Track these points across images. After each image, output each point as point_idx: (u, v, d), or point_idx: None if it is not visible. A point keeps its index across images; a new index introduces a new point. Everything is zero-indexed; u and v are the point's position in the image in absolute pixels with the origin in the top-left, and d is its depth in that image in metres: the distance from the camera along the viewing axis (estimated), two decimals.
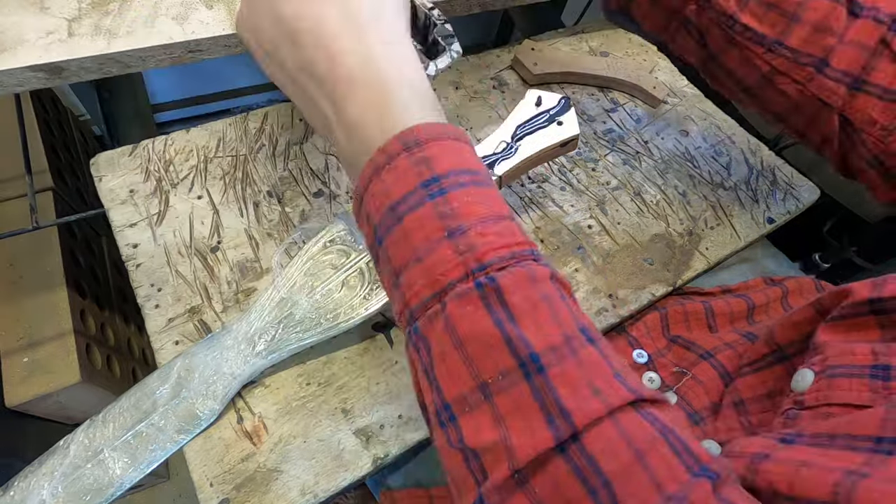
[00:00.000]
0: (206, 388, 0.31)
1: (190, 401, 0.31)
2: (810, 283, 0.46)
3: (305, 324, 0.31)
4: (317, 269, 0.32)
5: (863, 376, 0.25)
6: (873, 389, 0.24)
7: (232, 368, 0.31)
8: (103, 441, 0.30)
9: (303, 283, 0.32)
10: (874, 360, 0.25)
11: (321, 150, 0.45)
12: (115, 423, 0.31)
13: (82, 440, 0.31)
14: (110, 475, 0.30)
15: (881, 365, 0.25)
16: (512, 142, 0.35)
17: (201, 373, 0.31)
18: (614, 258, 0.43)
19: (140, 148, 0.43)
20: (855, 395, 0.24)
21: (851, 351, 0.27)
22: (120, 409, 0.31)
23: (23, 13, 0.38)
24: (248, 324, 0.32)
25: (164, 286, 0.36)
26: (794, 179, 0.52)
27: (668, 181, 0.49)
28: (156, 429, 0.31)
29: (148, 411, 0.31)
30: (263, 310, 0.32)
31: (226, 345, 0.32)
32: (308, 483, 0.31)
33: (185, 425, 0.31)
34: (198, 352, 0.32)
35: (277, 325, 0.32)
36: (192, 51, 0.40)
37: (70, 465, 0.30)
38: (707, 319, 0.42)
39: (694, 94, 0.57)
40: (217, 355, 0.32)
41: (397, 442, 0.33)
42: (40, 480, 0.30)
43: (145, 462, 0.30)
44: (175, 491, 0.88)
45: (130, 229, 0.39)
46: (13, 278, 0.63)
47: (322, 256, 0.33)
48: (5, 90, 0.36)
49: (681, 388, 0.37)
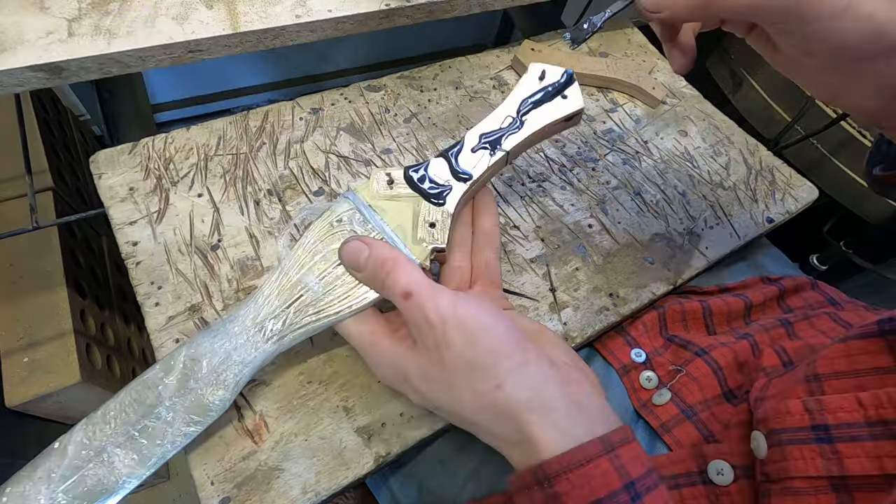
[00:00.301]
0: (215, 378, 0.30)
1: (199, 391, 0.30)
2: (807, 282, 0.46)
3: (316, 306, 0.30)
4: (324, 248, 0.31)
5: (809, 441, 0.26)
6: (824, 456, 0.25)
7: (242, 356, 0.30)
8: (105, 439, 0.29)
9: (311, 264, 0.31)
10: (811, 420, 0.26)
11: (322, 149, 0.45)
12: (117, 419, 0.29)
13: (81, 440, 0.29)
14: (116, 474, 0.28)
15: (820, 426, 0.26)
16: (517, 116, 0.34)
17: (209, 361, 0.30)
18: (615, 257, 0.43)
19: (140, 146, 0.43)
20: (811, 466, 0.25)
21: (787, 409, 0.27)
22: (121, 405, 0.30)
23: (23, 13, 0.38)
24: (255, 309, 0.31)
25: (164, 284, 0.36)
26: (793, 179, 0.52)
27: (668, 181, 0.49)
28: (163, 422, 0.29)
29: (152, 405, 0.29)
30: (272, 293, 0.31)
31: (233, 332, 0.30)
32: (309, 481, 0.31)
33: (196, 417, 0.29)
34: (202, 341, 0.31)
35: (287, 308, 0.30)
36: (192, 51, 0.40)
37: (69, 467, 0.28)
38: (705, 319, 0.42)
39: (693, 94, 0.58)
40: (225, 343, 0.30)
41: (399, 440, 0.33)
42: (36, 486, 0.27)
43: (155, 458, 0.29)
44: (175, 491, 0.88)
45: (130, 227, 0.39)
46: (13, 278, 0.63)
47: (329, 237, 0.31)
48: (5, 90, 0.36)
49: (675, 385, 0.37)
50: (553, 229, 0.44)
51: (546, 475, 0.23)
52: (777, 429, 0.27)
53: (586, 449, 0.24)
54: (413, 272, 0.28)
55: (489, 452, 0.36)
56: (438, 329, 0.26)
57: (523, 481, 0.24)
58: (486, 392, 0.25)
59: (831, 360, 0.29)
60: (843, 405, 0.26)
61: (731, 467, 0.31)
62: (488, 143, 0.34)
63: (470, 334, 0.26)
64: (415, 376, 0.27)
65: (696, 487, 0.31)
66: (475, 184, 0.33)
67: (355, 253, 0.29)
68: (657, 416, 0.36)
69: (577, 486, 0.23)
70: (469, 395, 0.26)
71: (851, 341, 0.28)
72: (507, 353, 0.26)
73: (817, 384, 0.29)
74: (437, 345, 0.26)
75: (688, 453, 0.33)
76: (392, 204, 0.32)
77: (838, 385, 0.28)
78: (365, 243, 0.29)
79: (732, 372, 0.36)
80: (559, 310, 0.40)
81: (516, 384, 0.25)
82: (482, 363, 0.25)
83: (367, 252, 0.29)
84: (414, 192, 0.33)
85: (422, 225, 0.32)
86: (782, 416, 0.27)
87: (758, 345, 0.37)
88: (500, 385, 0.25)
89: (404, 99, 0.50)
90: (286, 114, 0.47)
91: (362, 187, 0.33)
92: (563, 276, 0.41)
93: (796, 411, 0.27)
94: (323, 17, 0.43)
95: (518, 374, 0.25)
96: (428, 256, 0.31)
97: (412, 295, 0.27)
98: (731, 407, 0.35)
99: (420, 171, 0.33)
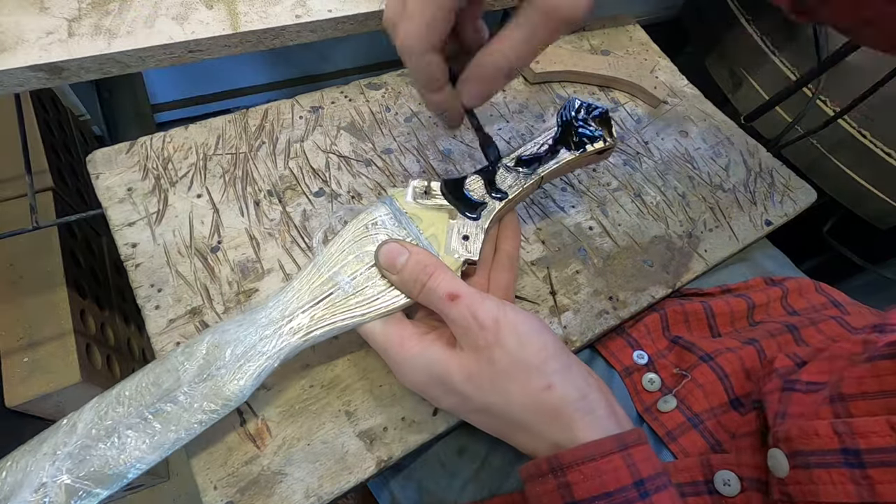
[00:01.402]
0: (237, 367, 0.29)
1: (219, 379, 0.29)
2: (809, 283, 0.46)
3: (345, 305, 0.30)
4: (358, 249, 0.31)
5: (839, 465, 0.25)
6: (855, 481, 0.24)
7: (267, 347, 0.29)
8: (117, 419, 0.28)
9: (343, 263, 0.31)
10: (840, 443, 0.25)
11: (322, 149, 0.45)
12: (132, 400, 0.28)
13: (92, 418, 0.27)
14: (124, 458, 0.27)
15: (850, 450, 0.25)
16: (553, 145, 0.36)
17: (233, 350, 0.29)
18: (615, 260, 0.43)
19: (138, 145, 0.42)
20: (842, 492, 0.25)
21: (815, 431, 0.27)
22: (137, 386, 0.28)
23: (23, 13, 0.38)
24: (284, 302, 0.30)
25: (164, 286, 0.36)
26: (792, 182, 0.52)
27: (668, 182, 0.49)
28: (180, 408, 0.28)
29: (170, 389, 0.28)
30: (302, 288, 0.31)
31: (260, 323, 0.30)
32: (312, 486, 0.31)
33: (213, 405, 0.28)
34: (228, 328, 0.30)
35: (316, 305, 0.30)
36: (192, 51, 0.40)
37: (77, 445, 0.27)
38: (707, 320, 0.42)
39: (694, 94, 0.58)
40: (251, 332, 0.30)
41: (401, 444, 0.33)
42: (40, 461, 0.26)
43: (167, 444, 0.28)
44: (175, 491, 0.88)
45: (129, 228, 0.38)
46: (13, 278, 0.63)
47: (364, 238, 0.32)
48: (5, 90, 0.36)
49: (680, 392, 0.37)
50: (554, 231, 0.44)
51: (560, 465, 0.25)
52: (804, 450, 0.27)
53: (601, 444, 0.25)
54: (455, 277, 0.29)
55: (490, 455, 0.36)
56: (490, 330, 0.27)
57: (539, 469, 0.26)
58: (537, 391, 0.26)
59: (859, 380, 0.28)
60: (875, 429, 0.25)
61: (739, 478, 0.30)
62: (524, 166, 0.35)
63: (521, 336, 0.27)
64: (458, 379, 0.28)
65: (701, 497, 0.31)
66: (509, 203, 0.35)
67: (394, 255, 0.30)
68: (663, 424, 0.36)
69: (588, 477, 0.24)
70: (520, 396, 0.27)
71: (878, 361, 0.28)
72: (553, 356, 0.27)
73: (842, 405, 0.28)
74: (489, 345, 0.27)
75: (694, 462, 0.32)
76: (427, 213, 0.33)
77: (864, 406, 0.27)
78: (405, 247, 0.30)
79: (739, 379, 0.36)
80: (559, 313, 0.40)
81: (565, 385, 0.27)
82: (534, 364, 0.27)
83: (406, 255, 0.29)
84: (450, 204, 0.34)
85: (455, 237, 0.33)
86: (809, 437, 0.27)
87: (764, 351, 0.37)
88: (551, 385, 0.26)
89: (405, 97, 0.50)
90: (286, 112, 0.47)
91: (398, 193, 0.34)
92: (563, 279, 0.41)
93: (825, 434, 0.26)
94: (323, 17, 0.43)
95: (565, 376, 0.27)
96: (459, 268, 0.32)
97: (460, 297, 0.28)
98: (739, 416, 0.35)
99: (458, 185, 0.35)
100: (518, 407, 0.27)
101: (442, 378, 0.28)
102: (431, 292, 0.29)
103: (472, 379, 0.27)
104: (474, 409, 0.29)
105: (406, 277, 0.29)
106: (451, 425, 0.34)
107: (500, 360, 0.27)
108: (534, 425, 0.27)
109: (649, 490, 0.24)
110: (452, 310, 0.28)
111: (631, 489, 0.24)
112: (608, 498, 0.24)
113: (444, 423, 0.34)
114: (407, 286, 0.30)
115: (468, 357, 0.28)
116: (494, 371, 0.27)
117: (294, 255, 0.39)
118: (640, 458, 0.25)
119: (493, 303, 0.28)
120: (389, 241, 0.31)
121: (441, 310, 0.29)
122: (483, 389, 0.27)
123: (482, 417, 0.29)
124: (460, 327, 0.28)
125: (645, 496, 0.24)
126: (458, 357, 0.28)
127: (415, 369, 0.29)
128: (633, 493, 0.24)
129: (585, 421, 0.26)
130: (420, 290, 0.29)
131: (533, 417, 0.27)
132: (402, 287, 0.30)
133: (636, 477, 0.24)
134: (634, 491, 0.24)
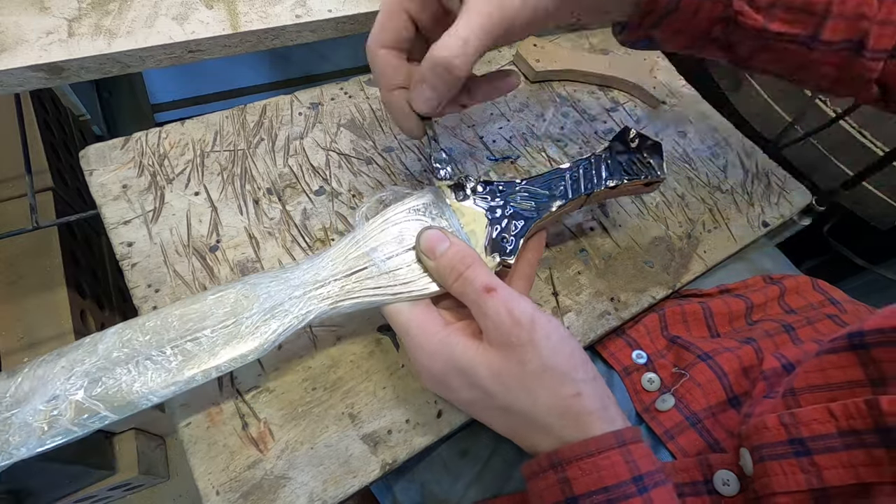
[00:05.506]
0: (263, 320, 0.29)
1: (243, 329, 0.29)
2: (807, 281, 0.46)
3: (376, 282, 0.30)
4: (399, 231, 0.32)
5: (789, 456, 0.26)
6: (803, 469, 0.25)
7: (295, 308, 0.29)
8: (138, 347, 0.27)
9: (382, 241, 0.31)
10: (787, 434, 0.27)
11: (322, 146, 0.44)
12: (156, 332, 0.28)
13: (114, 342, 0.27)
14: (139, 387, 0.26)
15: (796, 439, 0.26)
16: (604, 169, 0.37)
17: (261, 304, 0.29)
18: (615, 261, 0.43)
19: (132, 141, 0.41)
20: (793, 482, 0.26)
21: (764, 425, 0.28)
22: (163, 320, 0.28)
23: (23, 13, 0.38)
24: (318, 267, 0.30)
25: (161, 287, 0.35)
26: (787, 183, 0.52)
27: (668, 183, 0.49)
28: (200, 348, 0.28)
29: (194, 329, 0.28)
30: (338, 257, 0.31)
31: (292, 283, 0.30)
32: (316, 490, 0.30)
33: (230, 354, 0.28)
34: (260, 281, 0.30)
35: (349, 276, 0.30)
36: (192, 51, 0.40)
37: (95, 365, 0.26)
38: (706, 320, 0.42)
39: (691, 94, 0.58)
40: (282, 290, 0.30)
41: (405, 447, 0.33)
42: (57, 374, 0.26)
43: (182, 381, 0.27)
44: (175, 491, 0.88)
45: (124, 227, 0.37)
46: (13, 278, 0.63)
47: (405, 222, 0.32)
48: (5, 90, 0.36)
49: (678, 390, 0.37)
50: (555, 232, 0.44)
51: (560, 460, 0.25)
52: (757, 444, 0.28)
53: (600, 441, 0.25)
54: (492, 273, 0.29)
55: (492, 457, 0.36)
56: (526, 328, 0.27)
57: (539, 465, 0.26)
58: (566, 397, 0.26)
59: (806, 374, 0.29)
60: (816, 416, 0.26)
61: (737, 478, 0.31)
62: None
63: (553, 341, 0.27)
64: (483, 374, 0.27)
65: (700, 497, 0.31)
66: (552, 215, 0.35)
67: (435, 241, 0.30)
68: (661, 423, 0.36)
69: (587, 472, 0.25)
70: (548, 399, 0.27)
71: (824, 356, 0.29)
72: (581, 365, 0.28)
73: (793, 398, 0.29)
74: (522, 343, 0.27)
75: (693, 462, 0.32)
76: (469, 209, 0.34)
77: (811, 399, 0.28)
78: (447, 236, 0.30)
79: (738, 378, 0.36)
80: (562, 314, 0.40)
81: (592, 395, 0.27)
82: (565, 370, 0.27)
83: (447, 244, 0.30)
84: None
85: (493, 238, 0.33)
86: (760, 431, 0.28)
87: (762, 351, 0.37)
88: (580, 393, 0.26)
89: None
90: (284, 108, 0.46)
91: (445, 185, 0.34)
92: (565, 280, 0.41)
93: (773, 426, 0.27)
94: (323, 17, 0.43)
95: (592, 386, 0.27)
96: (494, 268, 0.32)
97: (497, 291, 0.28)
98: (737, 414, 0.35)
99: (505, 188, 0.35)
100: (544, 409, 0.27)
101: (465, 370, 0.28)
102: (468, 283, 0.28)
103: (499, 376, 0.27)
104: (494, 406, 0.28)
105: (444, 264, 0.29)
106: (454, 427, 0.34)
107: (531, 362, 0.26)
108: (555, 429, 0.27)
109: (648, 485, 0.25)
110: (488, 301, 0.27)
111: (629, 484, 0.24)
112: (607, 493, 0.24)
113: (449, 426, 0.34)
114: (443, 274, 0.30)
115: (496, 354, 0.27)
116: (524, 372, 0.27)
117: (295, 254, 0.38)
118: (639, 454, 0.25)
119: (529, 303, 0.28)
120: (432, 227, 0.31)
121: (476, 301, 0.28)
122: (509, 388, 0.27)
123: (498, 416, 0.29)
124: (493, 321, 0.27)
125: (643, 491, 0.24)
126: (485, 352, 0.28)
127: (435, 355, 0.28)
128: (631, 488, 0.24)
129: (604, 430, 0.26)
130: (456, 279, 0.29)
131: (557, 421, 0.27)
132: (436, 274, 0.30)
133: (634, 472, 0.25)
134: (633, 486, 0.24)
